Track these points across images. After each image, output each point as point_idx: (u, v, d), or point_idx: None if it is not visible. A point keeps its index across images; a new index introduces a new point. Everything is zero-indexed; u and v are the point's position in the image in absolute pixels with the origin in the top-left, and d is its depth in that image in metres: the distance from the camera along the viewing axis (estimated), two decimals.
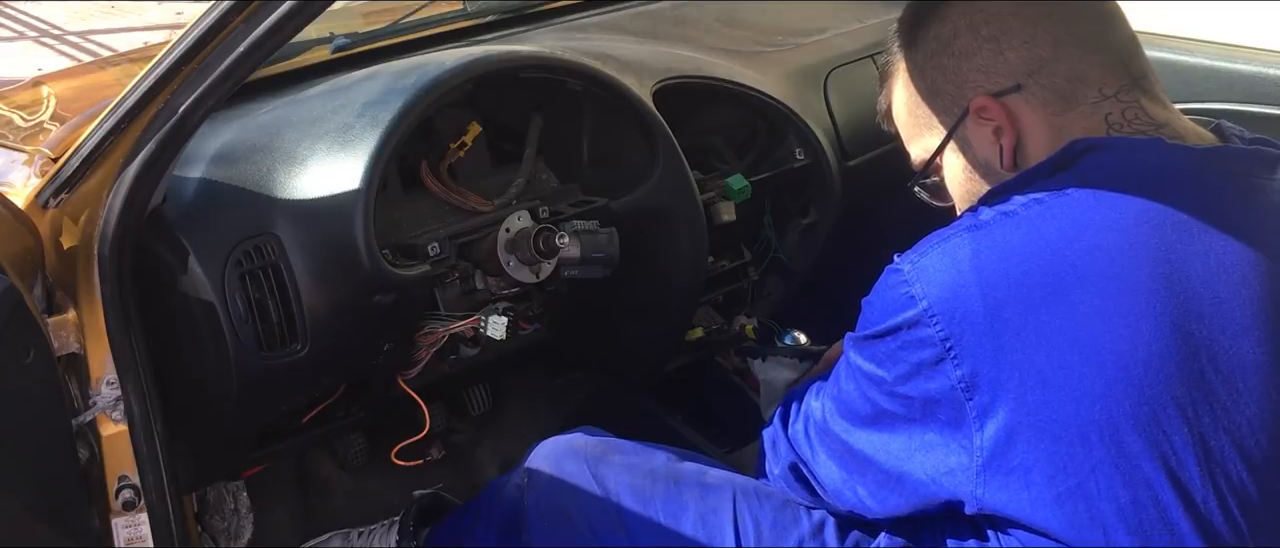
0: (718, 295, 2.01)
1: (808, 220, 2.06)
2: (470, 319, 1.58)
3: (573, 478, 1.37)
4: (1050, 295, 0.95)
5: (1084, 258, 0.95)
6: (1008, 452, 0.97)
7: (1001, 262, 0.97)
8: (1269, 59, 1.99)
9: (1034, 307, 0.95)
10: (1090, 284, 0.95)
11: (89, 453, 1.36)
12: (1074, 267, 0.95)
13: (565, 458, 1.40)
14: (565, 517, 1.36)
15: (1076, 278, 0.95)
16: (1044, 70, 1.06)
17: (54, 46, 5.42)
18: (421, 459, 1.89)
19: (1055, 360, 0.94)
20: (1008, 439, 0.97)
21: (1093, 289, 0.94)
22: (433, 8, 1.92)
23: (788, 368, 1.81)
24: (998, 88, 1.07)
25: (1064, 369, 0.94)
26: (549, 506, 1.38)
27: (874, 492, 1.11)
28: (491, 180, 1.69)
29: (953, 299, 0.97)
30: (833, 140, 2.02)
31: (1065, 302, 0.94)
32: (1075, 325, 0.94)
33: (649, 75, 1.79)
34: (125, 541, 1.37)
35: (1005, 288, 0.96)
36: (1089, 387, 0.94)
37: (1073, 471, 0.95)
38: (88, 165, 1.31)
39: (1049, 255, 0.96)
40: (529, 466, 1.43)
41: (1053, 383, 0.94)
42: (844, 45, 2.16)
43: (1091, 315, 0.94)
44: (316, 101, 1.58)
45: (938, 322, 0.98)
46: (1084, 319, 0.94)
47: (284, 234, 1.40)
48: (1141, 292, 0.94)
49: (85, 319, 1.33)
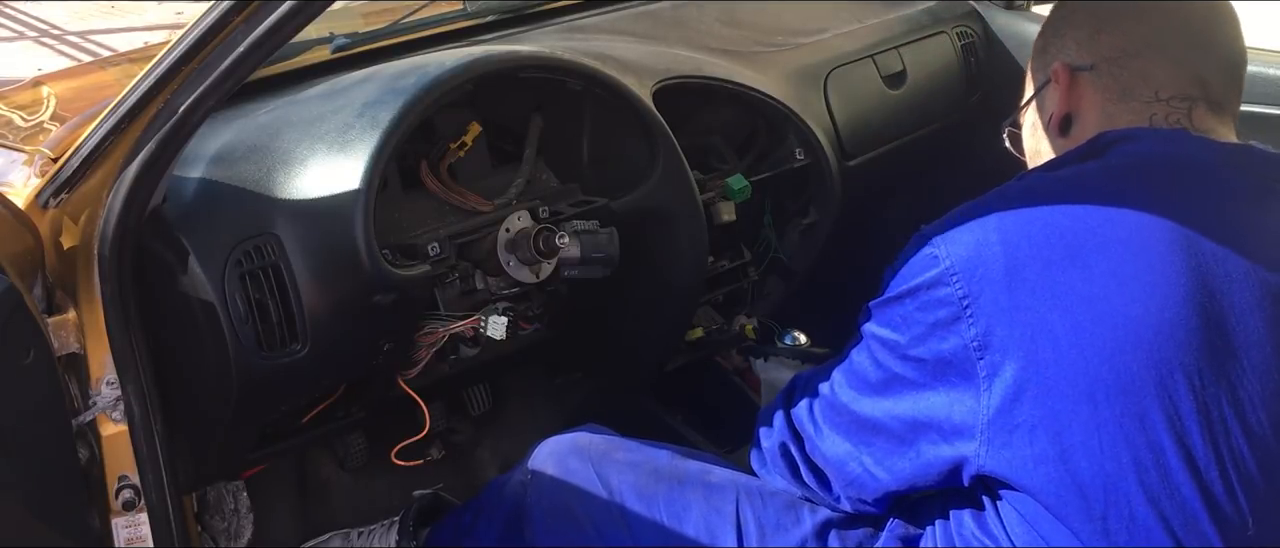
0: (718, 295, 2.01)
1: (808, 220, 2.06)
2: (470, 319, 1.58)
3: (576, 476, 1.37)
4: (1069, 257, 0.98)
5: (1104, 225, 0.99)
6: (1015, 408, 0.99)
7: (1025, 226, 1.01)
8: (1269, 59, 1.99)
9: (1052, 266, 0.98)
10: (1109, 249, 0.98)
11: (89, 453, 1.36)
12: (1094, 232, 0.99)
13: (569, 456, 1.40)
14: (568, 515, 1.36)
15: (1096, 243, 0.99)
16: (1121, 62, 1.12)
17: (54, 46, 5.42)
18: (421, 459, 1.89)
19: (1068, 320, 0.97)
20: (1015, 396, 0.98)
21: (1111, 254, 0.98)
22: (433, 8, 1.92)
23: (789, 368, 1.81)
24: (1078, 62, 1.15)
25: (1076, 329, 0.96)
26: (552, 503, 1.38)
27: (880, 460, 1.12)
28: (491, 180, 1.69)
29: (974, 259, 1.01)
30: (833, 140, 2.02)
31: (1083, 264, 0.98)
32: (1091, 287, 0.97)
33: (649, 75, 1.79)
34: (125, 541, 1.37)
35: (1026, 248, 1.00)
36: (1100, 347, 0.96)
37: (1078, 428, 0.97)
38: (88, 165, 1.31)
39: (1070, 221, 1.00)
40: (532, 464, 1.43)
41: (1064, 342, 0.97)
42: (844, 45, 2.16)
43: (1107, 278, 0.97)
44: (316, 102, 1.58)
45: (958, 281, 1.01)
46: (1100, 281, 0.97)
47: (284, 234, 1.40)
48: (1158, 261, 0.98)
49: (85, 319, 1.33)
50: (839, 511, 1.24)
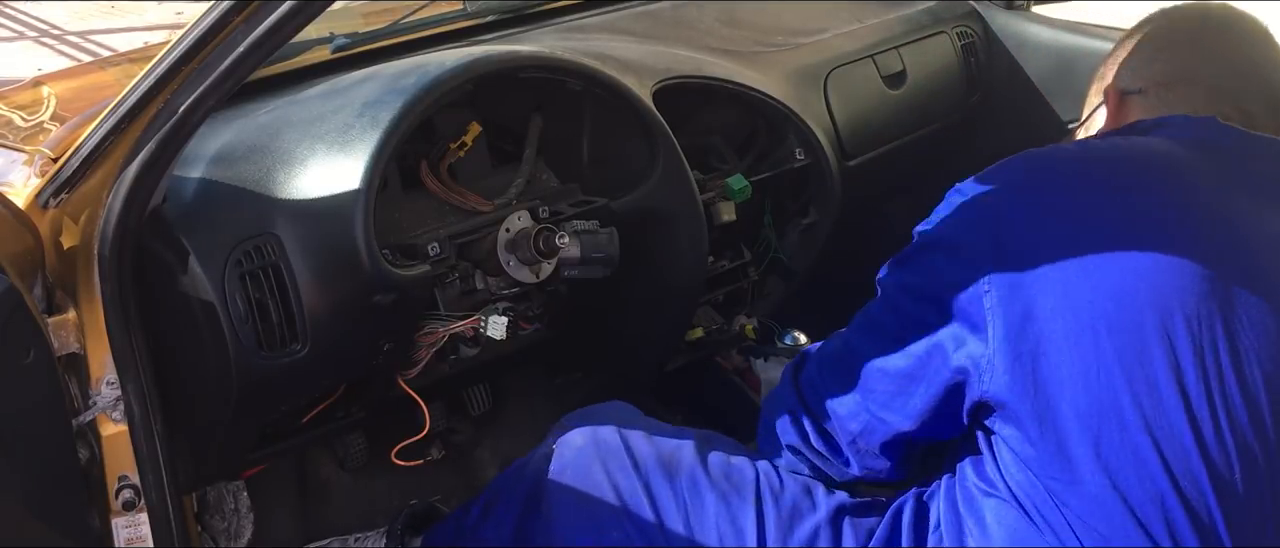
0: (718, 295, 2.01)
1: (808, 220, 2.06)
2: (470, 319, 1.58)
3: (601, 451, 1.38)
4: (1092, 187, 1.06)
5: (1129, 172, 1.07)
6: (1022, 336, 1.03)
7: (1051, 161, 1.11)
8: None
9: (1074, 194, 1.06)
10: (1133, 190, 1.05)
11: (89, 453, 1.36)
12: (1117, 171, 1.07)
13: (595, 433, 1.42)
14: (590, 491, 1.36)
15: (1119, 182, 1.06)
16: (1170, 86, 1.20)
17: (54, 46, 5.42)
18: (421, 459, 1.89)
19: (1082, 252, 1.02)
20: (1022, 323, 1.03)
21: (1135, 194, 1.05)
22: (433, 8, 1.92)
23: None
24: (1129, 87, 1.24)
25: (1089, 263, 1.02)
26: (574, 478, 1.38)
27: (889, 401, 1.16)
28: (491, 180, 1.69)
29: (998, 201, 1.08)
30: (833, 140, 2.02)
31: (1105, 196, 1.05)
32: (1110, 224, 1.04)
33: (649, 75, 1.79)
34: (125, 541, 1.37)
35: (1050, 177, 1.08)
36: (1107, 286, 1.01)
37: (1079, 357, 1.01)
38: (88, 165, 1.31)
39: (1096, 161, 1.10)
40: (557, 438, 1.44)
41: (1074, 280, 1.02)
42: (844, 45, 2.16)
43: (1126, 218, 1.04)
44: (316, 102, 1.58)
45: (985, 223, 1.08)
46: (1119, 219, 1.04)
47: (284, 234, 1.40)
48: (1181, 211, 1.04)
49: (85, 319, 1.33)
50: (848, 477, 1.28)
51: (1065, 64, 2.23)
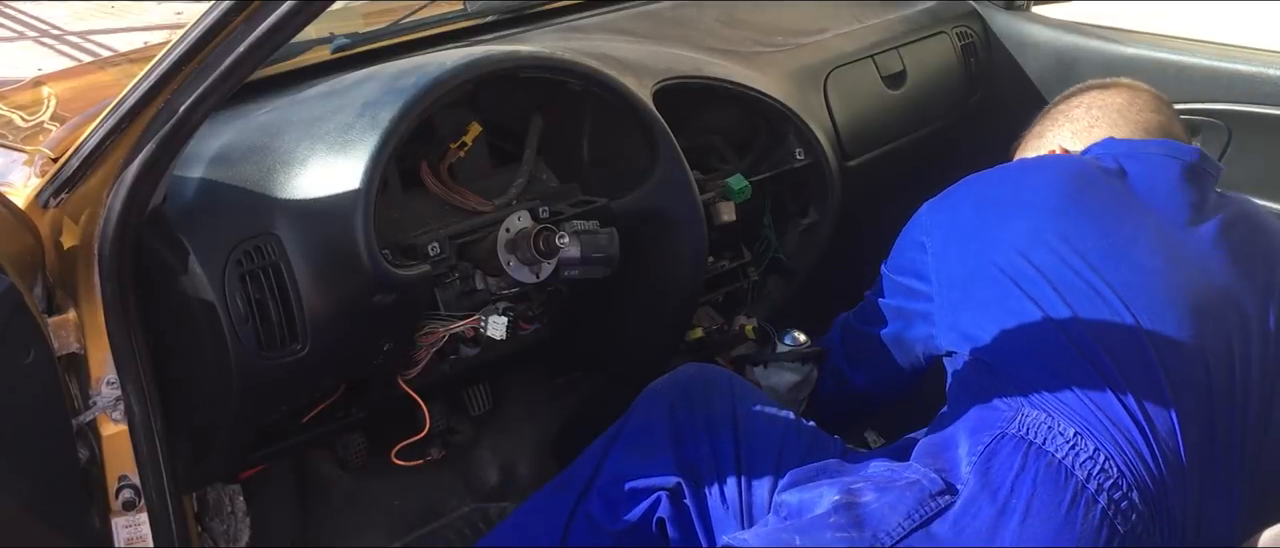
0: (718, 295, 2.01)
1: (808, 220, 2.06)
2: (470, 319, 1.58)
3: (713, 374, 1.60)
4: (1004, 202, 1.45)
5: (1029, 186, 1.46)
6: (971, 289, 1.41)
7: (987, 175, 1.51)
8: (1269, 59, 1.99)
9: (989, 204, 1.46)
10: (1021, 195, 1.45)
11: (89, 453, 1.36)
12: (1018, 182, 1.48)
13: (707, 368, 1.63)
14: (700, 388, 1.56)
15: (1017, 189, 1.47)
16: (1110, 139, 1.55)
17: (54, 46, 5.42)
18: (421, 459, 1.89)
19: (994, 234, 1.41)
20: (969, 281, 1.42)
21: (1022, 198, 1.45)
22: (433, 8, 1.92)
23: (790, 371, 1.81)
24: (1078, 146, 1.59)
25: (1001, 237, 1.40)
26: (690, 385, 1.57)
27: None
28: (491, 180, 1.69)
29: (945, 198, 1.51)
30: (833, 140, 2.02)
31: (1005, 204, 1.45)
32: (1011, 218, 1.42)
33: (649, 75, 1.79)
34: (125, 541, 1.37)
35: (981, 186, 1.49)
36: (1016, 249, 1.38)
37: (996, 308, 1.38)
38: (88, 165, 1.31)
39: (1015, 172, 1.53)
40: (676, 370, 1.62)
41: (982, 237, 1.42)
42: (844, 45, 2.16)
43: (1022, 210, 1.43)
44: (316, 102, 1.58)
45: (932, 212, 1.50)
46: (1019, 211, 1.42)
47: (284, 234, 1.40)
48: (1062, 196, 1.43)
49: (85, 319, 1.33)
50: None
51: (1065, 64, 2.23)
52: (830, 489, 1.32)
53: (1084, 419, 1.24)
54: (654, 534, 1.49)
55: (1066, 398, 1.26)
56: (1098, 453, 1.22)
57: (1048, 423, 1.25)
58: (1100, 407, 1.25)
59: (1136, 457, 1.23)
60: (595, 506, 1.51)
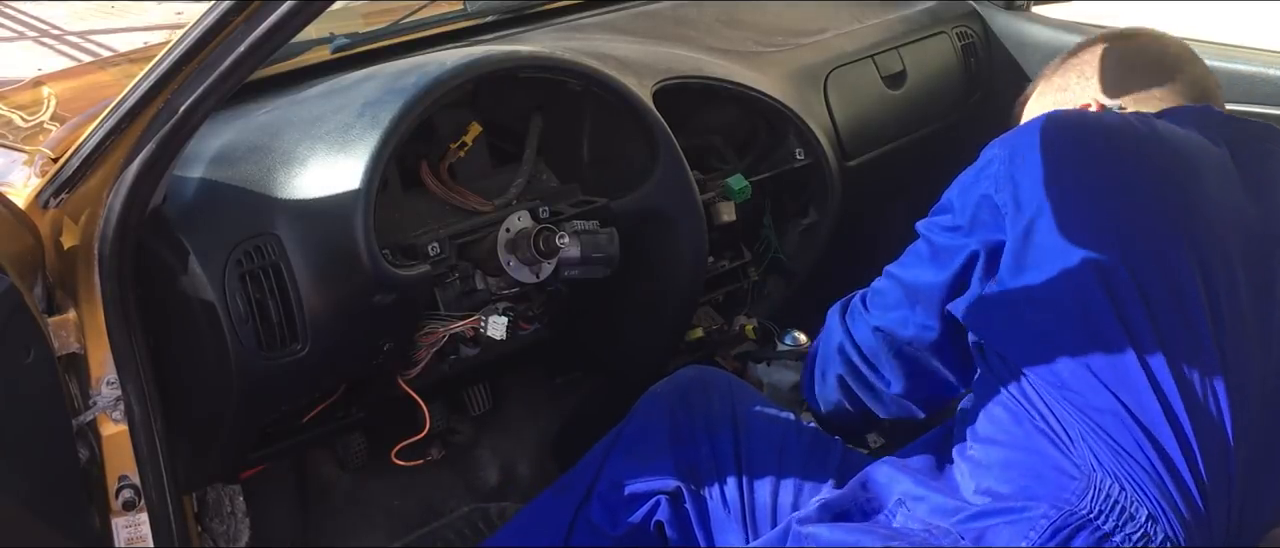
0: (718, 295, 2.01)
1: (808, 220, 2.06)
2: (470, 319, 1.58)
3: (713, 377, 1.57)
4: (1096, 153, 1.25)
5: (1132, 140, 1.26)
6: (1025, 249, 1.22)
7: (1065, 120, 1.29)
8: (1269, 59, 1.99)
9: (1075, 149, 1.25)
10: (1131, 154, 1.25)
11: (89, 453, 1.36)
12: (1116, 135, 1.27)
13: (707, 370, 1.61)
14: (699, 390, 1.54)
15: (1118, 145, 1.26)
16: (1144, 97, 1.39)
17: (54, 46, 5.42)
18: (421, 459, 1.89)
19: (1081, 195, 1.22)
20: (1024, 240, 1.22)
21: (1133, 158, 1.25)
22: (433, 8, 1.92)
23: (792, 370, 1.80)
24: (1109, 101, 1.41)
25: (1082, 206, 1.22)
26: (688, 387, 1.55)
27: (931, 310, 1.34)
28: (491, 180, 1.69)
29: (1016, 141, 1.27)
30: (833, 140, 2.02)
31: (1107, 157, 1.25)
32: (1105, 179, 1.23)
33: (649, 75, 1.79)
34: (125, 541, 1.37)
35: (1057, 132, 1.26)
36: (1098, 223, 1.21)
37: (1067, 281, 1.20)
38: (88, 165, 1.31)
39: (1103, 127, 1.29)
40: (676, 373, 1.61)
41: (1068, 212, 1.21)
42: (844, 45, 2.16)
43: (1122, 179, 1.23)
44: (316, 102, 1.58)
45: (1004, 159, 1.26)
46: (1113, 179, 1.23)
47: (284, 234, 1.40)
48: (1168, 181, 1.24)
49: (85, 319, 1.33)
50: (891, 399, 1.44)
51: None
52: (868, 539, 1.27)
53: (1155, 498, 1.15)
54: (654, 538, 1.48)
55: (1142, 464, 1.15)
56: (1166, 543, 1.15)
57: (1121, 503, 1.15)
58: (1174, 479, 1.15)
59: (1198, 527, 1.17)
60: (596, 511, 1.50)
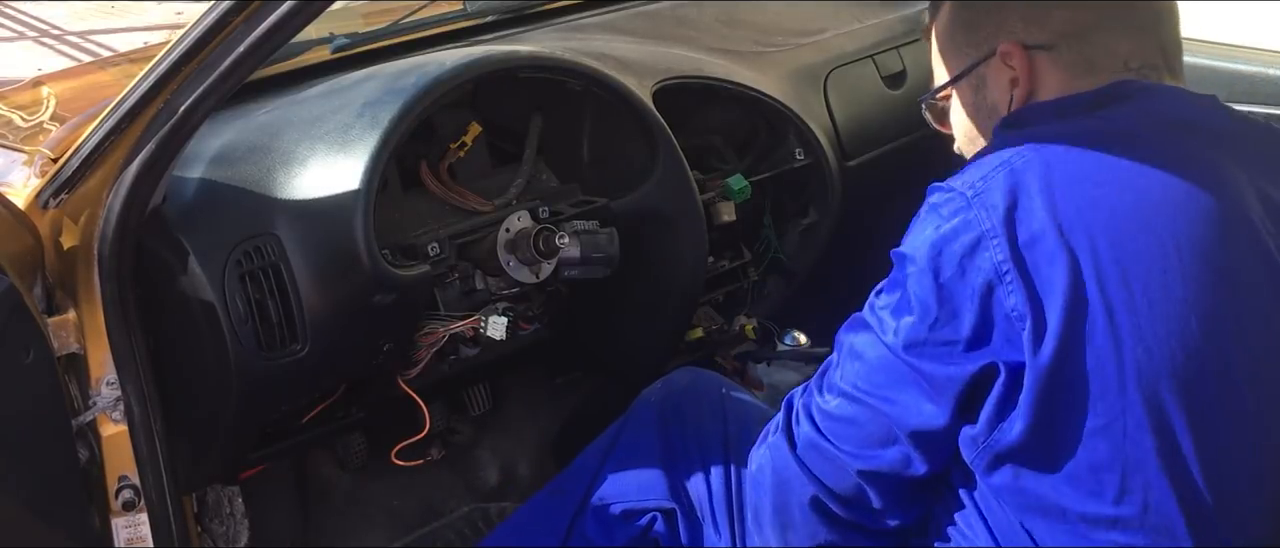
0: (718, 295, 2.01)
1: (808, 220, 2.06)
2: (470, 319, 1.58)
3: (705, 386, 1.48)
4: (1118, 235, 0.95)
5: (1153, 205, 0.96)
6: (1061, 371, 0.95)
7: (1073, 187, 0.96)
8: (1269, 59, 1.98)
9: (1097, 238, 0.94)
10: (1157, 232, 0.95)
11: (89, 453, 1.36)
12: (1139, 207, 0.96)
13: (703, 376, 1.52)
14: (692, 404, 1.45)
15: (1141, 222, 0.96)
16: (1082, 36, 1.06)
17: (54, 46, 5.42)
18: (421, 459, 1.89)
19: (1115, 299, 0.94)
20: (1053, 368, 0.95)
21: (1159, 236, 0.95)
22: (433, 8, 1.92)
23: (793, 370, 1.81)
24: (1032, 41, 1.08)
25: (1130, 307, 0.94)
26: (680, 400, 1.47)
27: (933, 451, 1.07)
28: (491, 180, 1.69)
29: (1017, 221, 0.95)
30: (833, 140, 2.02)
31: (1130, 238, 0.95)
32: (1134, 273, 0.95)
33: (649, 75, 1.79)
34: (125, 541, 1.37)
35: (1073, 214, 0.94)
36: (1148, 330, 0.94)
37: (1103, 411, 0.96)
38: (88, 165, 1.31)
39: (1118, 189, 0.96)
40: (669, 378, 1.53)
41: (1105, 321, 0.94)
42: (844, 45, 2.16)
43: (1152, 267, 0.95)
44: (316, 102, 1.58)
45: (999, 245, 0.95)
46: (1144, 269, 0.95)
47: (284, 234, 1.40)
48: (1206, 236, 0.96)
49: (85, 319, 1.33)
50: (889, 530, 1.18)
51: None
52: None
53: None
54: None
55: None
56: None
57: None
58: None
59: None
60: (590, 527, 1.47)
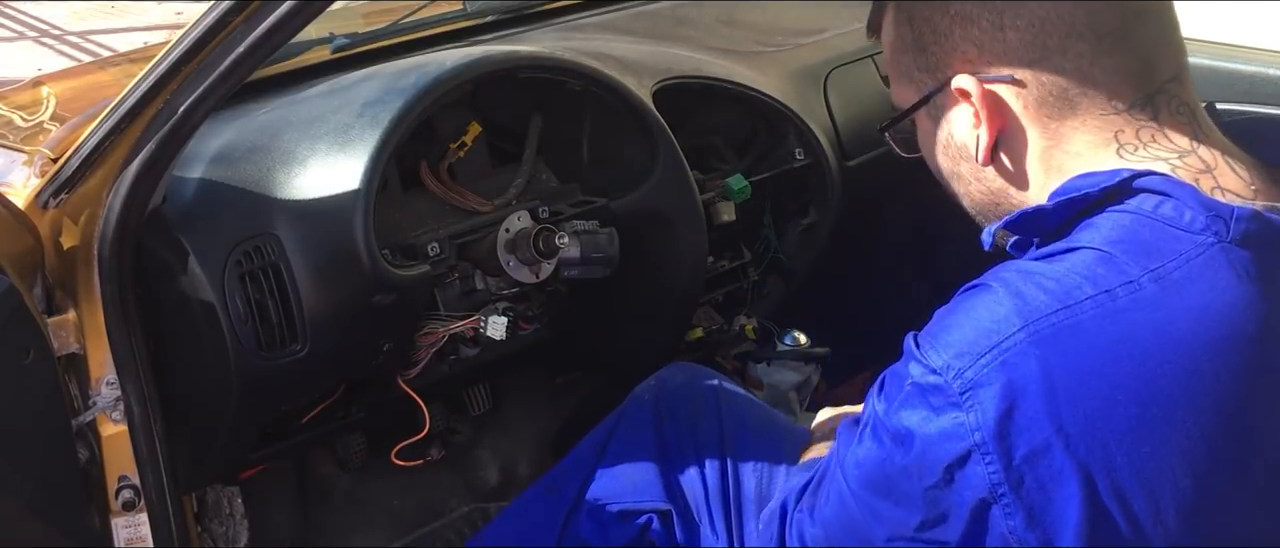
0: (718, 295, 2.01)
1: (808, 220, 2.06)
2: (470, 319, 1.58)
3: (699, 382, 1.45)
4: (1132, 430, 0.80)
5: (1174, 383, 0.80)
6: None
7: (1080, 384, 0.80)
8: (1269, 59, 1.98)
9: (1112, 441, 0.80)
10: (1176, 421, 0.80)
11: (89, 453, 1.36)
12: (1157, 395, 0.80)
13: (697, 373, 1.48)
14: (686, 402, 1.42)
15: (1162, 410, 0.80)
16: (1047, 63, 0.88)
17: (54, 46, 5.42)
18: (421, 459, 1.89)
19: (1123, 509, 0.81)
20: None
21: (1177, 427, 0.80)
22: (433, 8, 1.92)
23: (793, 370, 1.81)
24: (988, 72, 0.90)
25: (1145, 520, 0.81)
26: (674, 398, 1.44)
27: None
28: (491, 180, 1.69)
29: (1012, 432, 0.80)
30: (833, 140, 2.02)
31: (1148, 439, 0.80)
32: (1150, 469, 0.80)
33: (649, 75, 1.79)
34: (125, 541, 1.38)
35: (1080, 422, 0.80)
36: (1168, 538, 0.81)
37: None
38: (88, 165, 1.31)
39: (1136, 381, 0.80)
40: (662, 374, 1.50)
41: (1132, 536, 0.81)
42: (844, 45, 2.16)
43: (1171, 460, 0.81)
44: (316, 102, 1.58)
45: (990, 459, 0.81)
46: (1161, 467, 0.80)
47: (284, 234, 1.40)
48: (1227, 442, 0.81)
49: (85, 319, 1.33)
50: None
51: None
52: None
53: None
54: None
55: None
56: None
57: None
58: None
59: None
60: (585, 526, 1.44)
